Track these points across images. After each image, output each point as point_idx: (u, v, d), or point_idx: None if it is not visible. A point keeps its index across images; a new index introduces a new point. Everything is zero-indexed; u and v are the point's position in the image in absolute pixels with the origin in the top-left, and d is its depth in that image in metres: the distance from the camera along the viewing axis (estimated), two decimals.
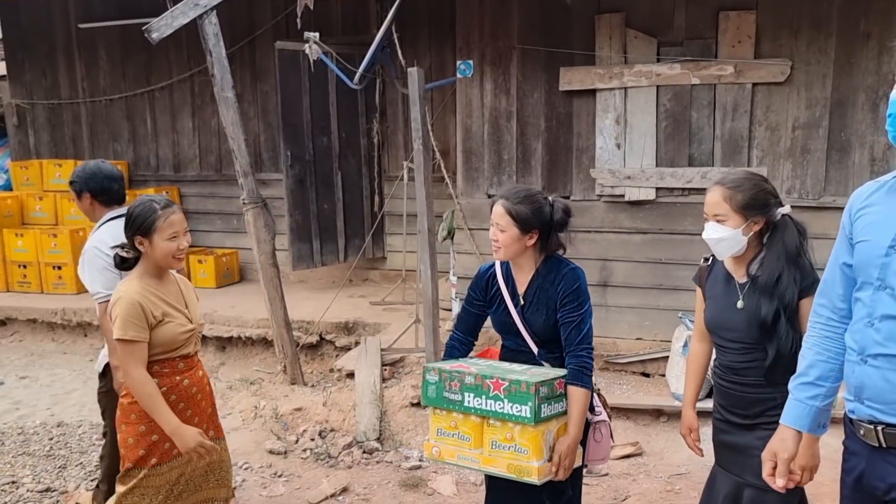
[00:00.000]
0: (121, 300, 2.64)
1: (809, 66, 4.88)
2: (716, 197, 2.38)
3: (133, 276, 2.75)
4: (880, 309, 1.71)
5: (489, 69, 5.53)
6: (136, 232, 2.69)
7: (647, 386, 5.08)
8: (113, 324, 2.64)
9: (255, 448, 4.56)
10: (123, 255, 2.75)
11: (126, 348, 2.63)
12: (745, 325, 2.37)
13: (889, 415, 1.69)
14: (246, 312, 6.42)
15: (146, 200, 2.74)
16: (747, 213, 2.33)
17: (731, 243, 2.36)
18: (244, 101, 7.49)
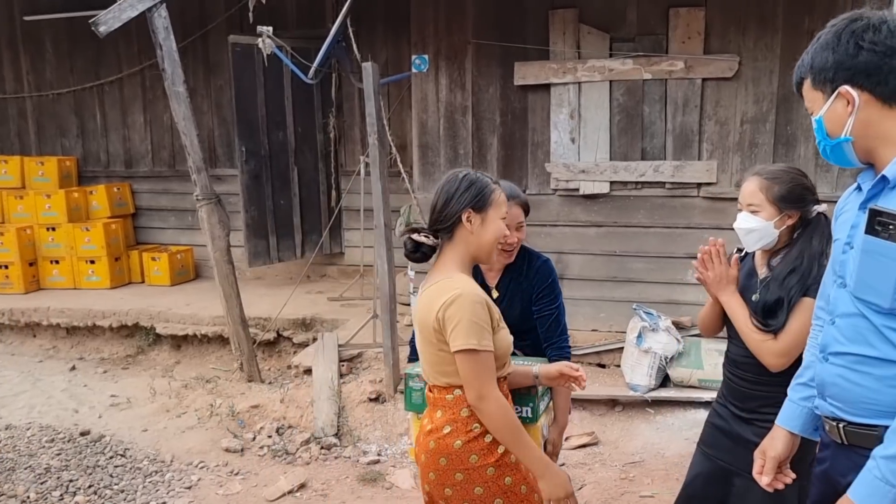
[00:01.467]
0: (464, 298, 1.99)
1: (757, 61, 5.00)
2: (752, 187, 2.31)
3: (450, 272, 2.08)
4: (840, 307, 1.72)
5: (444, 64, 5.54)
6: (468, 204, 2.06)
7: (603, 377, 5.16)
8: (453, 330, 1.98)
9: (212, 447, 4.51)
10: (423, 240, 2.11)
11: (479, 361, 1.99)
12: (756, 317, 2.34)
13: (849, 413, 1.70)
14: (202, 310, 6.34)
15: (473, 172, 2.14)
16: (782, 206, 2.27)
17: (760, 235, 2.30)
18: (197, 96, 7.37)
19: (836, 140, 1.66)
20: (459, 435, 2.04)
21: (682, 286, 5.34)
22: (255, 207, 6.85)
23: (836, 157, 1.70)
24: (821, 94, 1.66)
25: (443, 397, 2.09)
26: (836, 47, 1.61)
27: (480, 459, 2.04)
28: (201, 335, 6.19)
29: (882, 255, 1.57)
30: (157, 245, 7.82)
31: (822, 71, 1.64)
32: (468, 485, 2.04)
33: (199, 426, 4.77)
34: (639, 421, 4.68)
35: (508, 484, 2.05)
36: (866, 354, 1.64)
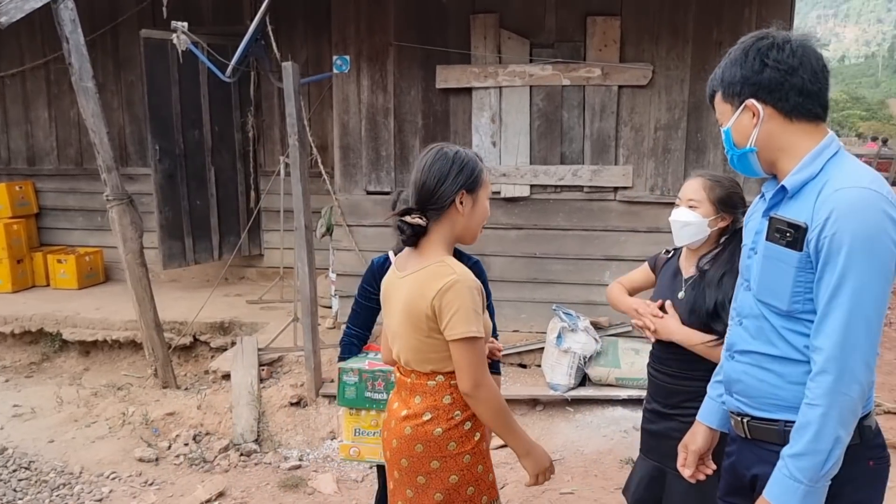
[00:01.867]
0: (461, 284, 1.92)
1: (669, 70, 5.19)
2: (695, 184, 2.47)
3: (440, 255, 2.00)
4: (746, 308, 1.80)
5: (366, 65, 5.52)
6: (464, 185, 1.99)
7: (524, 377, 5.24)
8: (452, 317, 1.91)
9: (124, 457, 4.34)
10: (419, 221, 1.99)
11: (476, 348, 1.94)
12: (683, 317, 2.45)
13: (753, 408, 1.78)
14: (112, 314, 6.09)
15: (460, 148, 2.06)
16: (719, 208, 2.42)
17: (695, 230, 2.43)
18: (107, 92, 7.09)
19: (742, 150, 1.75)
20: (441, 422, 2.01)
21: (599, 287, 5.48)
22: (169, 208, 6.63)
23: (742, 167, 1.79)
24: (729, 107, 1.75)
25: (423, 383, 2.04)
26: (743, 63, 1.70)
27: (459, 447, 2.01)
28: (112, 341, 5.95)
29: (780, 260, 1.67)
30: (64, 247, 7.47)
31: (730, 85, 1.73)
32: (444, 473, 2.01)
33: (110, 436, 4.58)
34: (559, 419, 4.78)
35: (480, 472, 2.06)
36: (768, 353, 1.74)
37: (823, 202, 1.59)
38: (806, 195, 1.66)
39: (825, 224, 1.57)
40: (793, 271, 1.64)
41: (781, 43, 1.68)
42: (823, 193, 1.60)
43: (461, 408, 2.02)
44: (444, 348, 1.97)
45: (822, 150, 1.67)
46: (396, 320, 2.06)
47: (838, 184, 1.59)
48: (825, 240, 1.57)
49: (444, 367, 2.01)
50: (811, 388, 1.61)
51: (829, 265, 1.58)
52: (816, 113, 1.69)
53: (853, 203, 1.56)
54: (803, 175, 1.67)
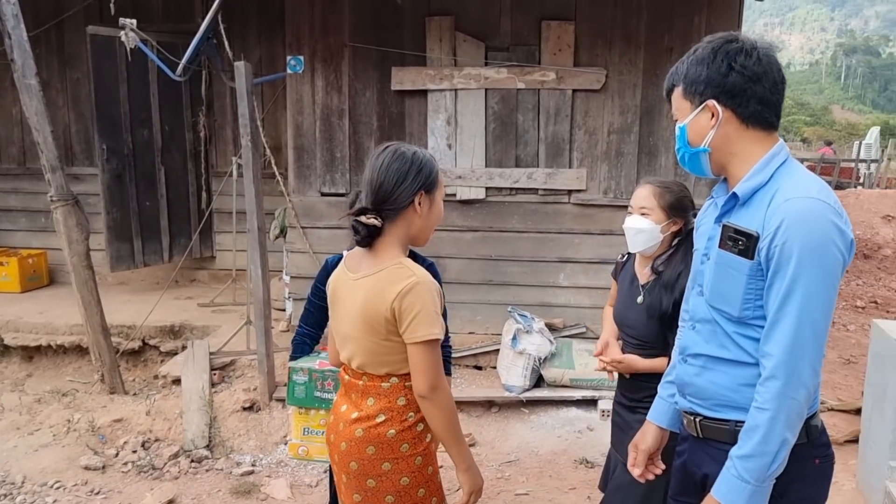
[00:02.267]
0: (421, 286, 1.89)
1: (622, 75, 5.26)
2: (645, 192, 2.52)
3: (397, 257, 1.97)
4: (699, 312, 1.83)
5: (321, 66, 5.47)
6: (422, 186, 1.97)
7: (480, 378, 5.25)
8: (413, 320, 1.88)
9: (69, 465, 4.21)
10: (374, 222, 1.94)
11: (435, 351, 1.92)
12: (644, 321, 2.50)
13: (705, 409, 1.82)
14: (57, 318, 5.91)
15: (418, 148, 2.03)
16: (670, 213, 2.49)
17: (648, 236, 2.50)
18: (51, 89, 6.89)
19: (695, 149, 1.76)
20: (394, 424, 1.98)
21: (554, 289, 5.53)
22: (117, 209, 6.47)
23: (692, 165, 1.80)
24: (689, 104, 1.75)
25: (377, 385, 2.01)
26: (710, 63, 1.71)
27: (411, 448, 2.00)
28: (57, 345, 5.78)
29: (732, 267, 1.70)
30: (5, 248, 7.22)
31: (694, 83, 1.73)
32: (395, 475, 1.99)
33: (54, 443, 4.45)
34: (514, 421, 4.81)
35: (430, 473, 2.04)
36: (720, 357, 1.78)
37: (774, 211, 1.62)
38: (757, 203, 1.69)
39: (776, 233, 1.60)
40: (744, 279, 1.67)
41: (749, 49, 1.69)
42: (774, 203, 1.64)
43: (415, 409, 2.00)
44: (401, 351, 1.95)
45: (771, 157, 1.70)
46: (348, 323, 2.02)
47: (788, 193, 1.63)
48: (775, 249, 1.60)
49: (399, 369, 1.98)
50: (760, 393, 1.65)
51: (779, 273, 1.61)
52: (771, 122, 1.72)
53: (802, 213, 1.59)
54: (754, 182, 1.70)
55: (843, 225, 1.61)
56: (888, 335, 3.53)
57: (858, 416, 4.17)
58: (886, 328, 3.62)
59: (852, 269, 9.15)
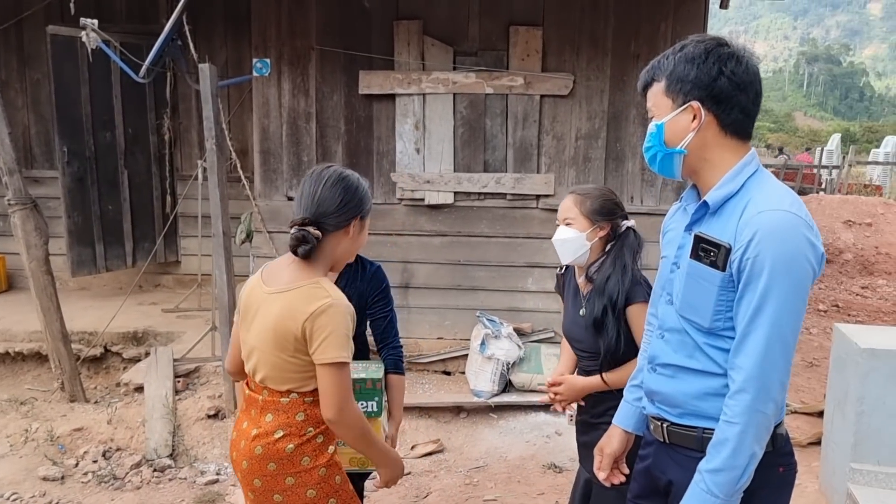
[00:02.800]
0: (335, 308, 1.90)
1: (589, 81, 5.29)
2: (567, 202, 2.50)
3: (316, 277, 1.98)
4: (668, 322, 1.81)
5: (287, 69, 5.41)
6: (360, 211, 2.04)
7: (448, 384, 5.23)
8: (323, 341, 1.89)
9: (26, 476, 4.10)
10: (318, 233, 1.97)
11: (344, 374, 1.92)
12: (585, 334, 2.46)
13: (673, 416, 1.81)
14: (15, 325, 5.76)
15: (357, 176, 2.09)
16: (594, 219, 2.45)
17: (574, 245, 2.46)
18: (10, 89, 6.73)
19: (671, 150, 1.72)
20: (293, 439, 1.98)
21: (522, 294, 5.53)
22: (78, 213, 6.33)
23: (662, 166, 1.76)
24: (670, 102, 1.70)
25: (276, 400, 2.00)
26: (700, 64, 1.65)
27: (312, 461, 2.00)
28: (15, 353, 5.62)
29: (703, 279, 1.68)
30: None
31: (679, 81, 1.68)
32: (300, 488, 1.99)
33: (11, 454, 4.33)
34: (483, 426, 4.79)
35: (338, 483, 2.05)
36: (689, 367, 1.77)
37: (747, 223, 1.61)
38: (728, 213, 1.67)
39: (748, 246, 1.59)
40: (715, 290, 1.66)
41: (740, 56, 1.66)
42: (746, 214, 1.62)
43: (314, 424, 2.01)
44: (306, 369, 1.95)
45: (743, 166, 1.69)
46: (257, 335, 2.01)
47: (761, 206, 1.61)
48: (747, 261, 1.59)
49: (301, 387, 1.99)
50: (730, 406, 1.64)
51: (751, 286, 1.60)
52: (748, 132, 1.71)
53: (775, 226, 1.58)
54: (724, 191, 1.68)
55: (815, 239, 1.61)
56: (849, 339, 3.59)
57: (821, 419, 4.24)
58: (847, 332, 3.68)
59: None
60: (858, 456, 3.48)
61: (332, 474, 2.03)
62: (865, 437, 3.47)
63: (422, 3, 5.26)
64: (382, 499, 3.98)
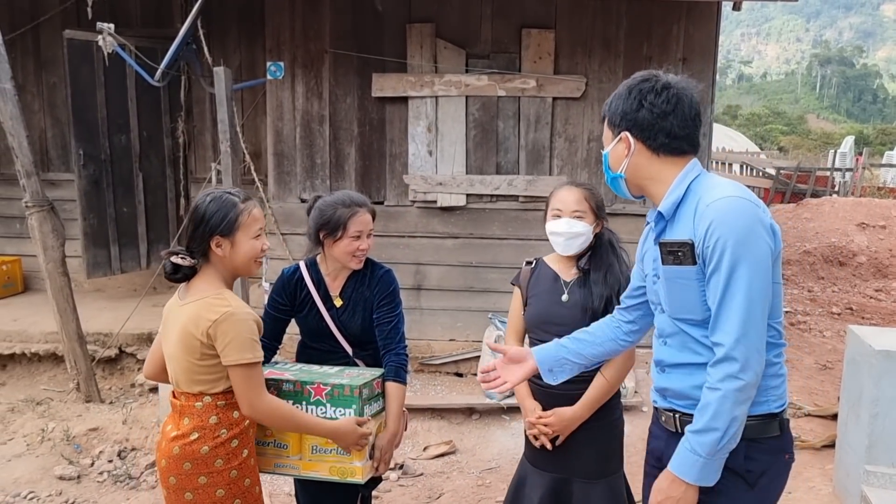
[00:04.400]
0: (235, 316, 2.09)
1: (601, 83, 5.30)
2: (577, 195, 2.55)
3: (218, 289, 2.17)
4: (665, 329, 1.95)
5: (301, 72, 5.45)
6: (215, 231, 2.15)
7: (461, 385, 5.25)
8: (227, 346, 2.08)
9: (43, 475, 4.14)
10: (180, 262, 2.16)
11: (251, 374, 2.11)
12: (570, 317, 2.51)
13: (686, 408, 1.91)
14: (31, 326, 5.82)
15: (222, 194, 2.20)
16: (599, 214, 2.57)
17: (584, 240, 2.54)
18: (27, 93, 6.80)
19: (614, 174, 1.94)
20: (207, 441, 2.14)
21: None
22: (94, 215, 6.39)
23: (614, 187, 1.98)
24: (610, 134, 1.93)
25: (191, 405, 2.17)
26: (626, 100, 1.88)
27: (225, 463, 2.16)
28: (31, 353, 5.68)
29: (680, 277, 1.82)
30: None
31: (613, 115, 1.91)
32: (210, 487, 2.15)
33: (28, 453, 4.38)
34: (495, 427, 4.80)
35: (247, 485, 2.21)
36: (694, 362, 1.88)
37: (701, 217, 1.77)
38: (684, 216, 1.83)
39: (706, 234, 1.75)
40: (695, 284, 1.80)
41: (660, 89, 1.85)
42: (699, 209, 1.78)
43: (227, 427, 2.17)
44: (213, 371, 2.13)
45: (685, 175, 1.86)
46: (171, 343, 2.20)
47: (708, 198, 1.78)
48: (709, 248, 1.74)
49: (211, 388, 2.15)
50: (711, 374, 1.77)
51: (717, 266, 1.74)
52: (683, 149, 1.87)
53: (726, 210, 1.74)
54: (672, 198, 1.85)
55: (763, 214, 1.76)
56: (864, 341, 3.57)
57: (835, 422, 4.21)
58: (861, 334, 3.67)
59: (828, 276, 9.28)
60: (873, 458, 3.47)
61: (242, 476, 2.19)
62: (880, 439, 3.46)
63: (434, 6, 5.29)
64: (395, 500, 4.00)
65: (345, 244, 2.56)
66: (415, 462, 4.37)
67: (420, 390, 5.18)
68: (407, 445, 4.49)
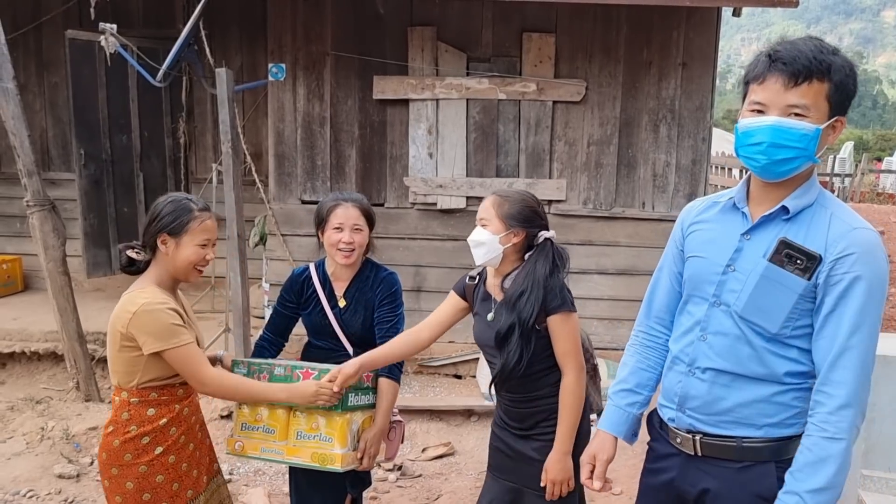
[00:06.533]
0: (151, 306, 2.20)
1: (602, 87, 5.32)
2: (486, 203, 2.41)
3: (145, 285, 2.30)
4: (714, 325, 1.76)
5: (302, 74, 5.47)
6: (164, 229, 2.28)
7: (459, 387, 5.26)
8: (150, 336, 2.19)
9: (42, 474, 4.15)
10: (133, 255, 2.33)
11: (185, 354, 2.22)
12: (494, 340, 2.37)
13: (709, 425, 1.76)
14: (31, 324, 5.83)
15: (181, 198, 2.35)
16: (509, 223, 2.35)
17: (487, 248, 2.36)
18: (28, 93, 6.81)
19: (815, 158, 1.64)
20: (118, 435, 2.27)
21: None
22: (94, 215, 6.41)
23: (783, 169, 1.65)
24: (828, 108, 1.61)
25: (113, 398, 2.33)
26: (854, 82, 1.63)
27: (133, 458, 2.26)
28: (31, 352, 5.69)
29: (783, 284, 1.65)
30: None
31: (844, 91, 1.61)
32: (121, 479, 2.27)
33: (27, 452, 4.38)
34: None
35: (159, 482, 2.28)
36: (737, 372, 1.73)
37: (840, 237, 1.62)
38: (805, 222, 1.67)
39: (842, 259, 1.60)
40: (794, 297, 1.64)
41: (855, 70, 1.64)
42: (837, 228, 1.63)
43: (138, 424, 2.27)
44: (128, 364, 2.24)
45: (814, 179, 1.70)
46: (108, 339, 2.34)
47: (850, 221, 1.64)
48: (844, 276, 1.60)
49: (126, 382, 2.27)
50: (832, 423, 1.60)
51: (847, 301, 1.60)
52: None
53: (870, 247, 1.61)
54: (804, 200, 1.68)
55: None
56: None
57: None
58: None
59: None
60: (869, 463, 3.48)
61: (153, 472, 2.28)
62: (877, 443, 3.47)
63: (436, 10, 5.31)
64: (394, 500, 4.01)
65: (327, 236, 2.62)
66: (413, 463, 4.38)
67: (419, 392, 5.19)
68: (406, 447, 4.50)
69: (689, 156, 5.34)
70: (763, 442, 1.73)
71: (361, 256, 2.73)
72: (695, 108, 5.31)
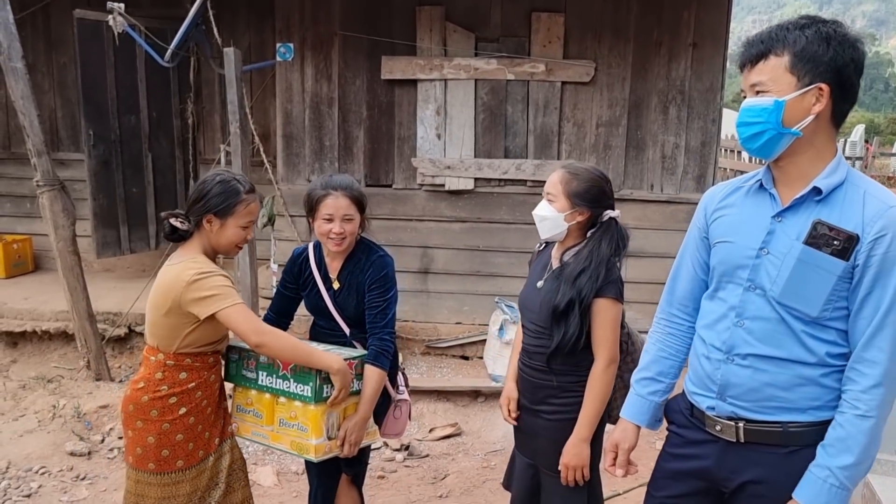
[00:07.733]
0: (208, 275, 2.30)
1: (611, 68, 5.28)
2: (554, 177, 2.39)
3: (195, 254, 2.39)
4: (751, 310, 1.73)
5: (310, 54, 5.45)
6: (211, 210, 2.37)
7: (466, 368, 5.28)
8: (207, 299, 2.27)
9: (54, 451, 4.20)
10: (177, 224, 2.40)
11: (241, 312, 2.31)
12: (539, 307, 2.39)
13: (753, 412, 1.74)
14: (42, 304, 5.88)
15: (229, 178, 2.42)
16: (575, 202, 2.33)
17: (551, 224, 2.37)
18: (37, 73, 6.82)
19: (786, 130, 1.62)
20: (148, 391, 2.37)
21: None
22: (103, 195, 6.42)
23: (765, 147, 1.66)
24: (794, 80, 1.60)
25: (148, 357, 2.42)
26: (837, 47, 1.58)
27: (159, 415, 2.37)
28: (42, 331, 5.74)
29: (820, 267, 1.63)
30: None
31: (812, 60, 1.58)
32: (144, 433, 2.38)
33: (39, 429, 4.44)
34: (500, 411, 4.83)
35: (179, 440, 2.39)
36: (778, 356, 1.71)
37: (878, 216, 1.60)
38: (838, 202, 1.65)
39: (881, 240, 1.59)
40: (833, 279, 1.63)
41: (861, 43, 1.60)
42: (872, 206, 1.62)
43: (169, 384, 2.38)
44: (172, 328, 2.34)
45: (841, 157, 1.66)
46: (150, 300, 2.43)
47: (886, 199, 1.62)
48: (882, 255, 1.59)
49: (166, 346, 2.37)
50: (864, 400, 1.63)
51: (887, 282, 1.60)
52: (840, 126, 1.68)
53: None
54: (834, 179, 1.65)
55: None
56: None
57: None
58: None
59: None
60: None
61: (174, 431, 2.39)
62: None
63: None
64: (401, 480, 4.04)
65: (317, 225, 2.63)
66: (420, 443, 4.41)
67: (426, 373, 5.22)
68: (413, 427, 4.53)
69: (699, 138, 5.31)
70: (808, 426, 1.72)
71: (355, 239, 2.70)
72: (705, 89, 5.27)
